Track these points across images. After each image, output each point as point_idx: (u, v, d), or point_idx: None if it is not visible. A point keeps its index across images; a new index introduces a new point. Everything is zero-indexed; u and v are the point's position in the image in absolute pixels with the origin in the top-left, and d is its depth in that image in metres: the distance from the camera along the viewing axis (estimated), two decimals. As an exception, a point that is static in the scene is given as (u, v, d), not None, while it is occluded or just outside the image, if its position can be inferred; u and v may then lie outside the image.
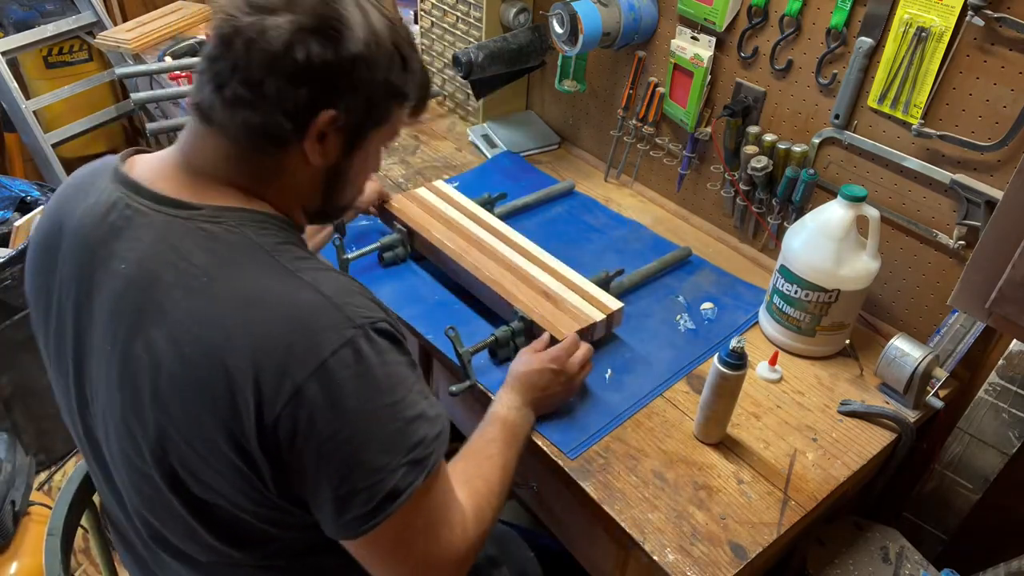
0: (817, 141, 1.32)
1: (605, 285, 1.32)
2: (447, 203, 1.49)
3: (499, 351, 1.22)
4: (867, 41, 1.18)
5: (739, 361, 1.02)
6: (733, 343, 1.01)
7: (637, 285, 1.40)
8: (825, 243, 1.18)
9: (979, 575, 1.11)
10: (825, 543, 1.20)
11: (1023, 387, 1.16)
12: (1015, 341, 1.14)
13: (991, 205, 1.11)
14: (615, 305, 1.25)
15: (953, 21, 1.07)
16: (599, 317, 1.22)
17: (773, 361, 1.24)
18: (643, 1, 1.48)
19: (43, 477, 2.10)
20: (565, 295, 1.26)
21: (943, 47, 1.09)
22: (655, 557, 0.97)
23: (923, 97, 1.14)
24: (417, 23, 1.98)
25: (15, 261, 1.79)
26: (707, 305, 1.38)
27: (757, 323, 1.35)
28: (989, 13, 1.03)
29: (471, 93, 1.79)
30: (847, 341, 1.28)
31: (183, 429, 0.75)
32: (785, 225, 1.41)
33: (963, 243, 1.17)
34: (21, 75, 2.69)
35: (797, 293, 1.22)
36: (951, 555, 1.33)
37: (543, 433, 1.12)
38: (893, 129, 1.21)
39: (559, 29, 1.50)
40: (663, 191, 1.67)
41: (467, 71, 1.64)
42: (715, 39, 1.40)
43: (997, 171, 1.11)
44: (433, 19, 1.91)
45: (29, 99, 2.53)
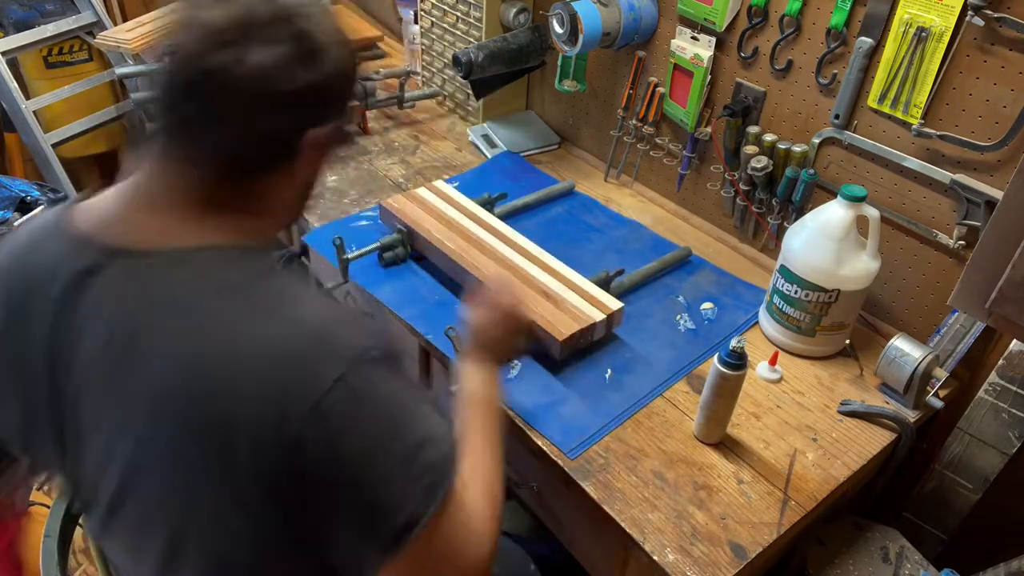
0: (817, 141, 1.32)
1: (605, 285, 1.32)
2: (447, 203, 1.49)
3: (499, 351, 1.22)
4: (867, 41, 1.18)
5: (739, 361, 1.02)
6: (733, 343, 1.01)
7: (637, 285, 1.40)
8: (825, 243, 1.18)
9: (979, 575, 1.11)
10: (825, 543, 1.20)
11: (1023, 387, 1.16)
12: (1015, 341, 1.14)
13: (991, 205, 1.11)
14: (615, 305, 1.25)
15: (953, 21, 1.07)
16: (599, 317, 1.22)
17: (773, 361, 1.24)
18: (643, 1, 1.48)
19: (43, 477, 2.09)
20: (565, 295, 1.26)
21: (943, 47, 1.09)
22: (655, 557, 0.97)
23: (923, 97, 1.14)
24: (417, 23, 1.98)
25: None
26: (707, 305, 1.38)
27: (757, 323, 1.35)
28: (989, 13, 1.03)
29: (471, 93, 1.79)
30: (847, 341, 1.28)
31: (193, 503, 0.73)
32: (785, 225, 1.41)
33: (963, 243, 1.17)
34: (21, 75, 2.68)
35: (797, 293, 1.22)
36: (951, 555, 1.33)
37: (543, 433, 1.12)
38: (893, 129, 1.21)
39: (559, 29, 1.50)
40: (663, 191, 1.67)
41: (467, 71, 1.64)
42: (715, 39, 1.40)
43: (997, 171, 1.11)
44: (433, 19, 1.91)
45: (29, 99, 2.52)
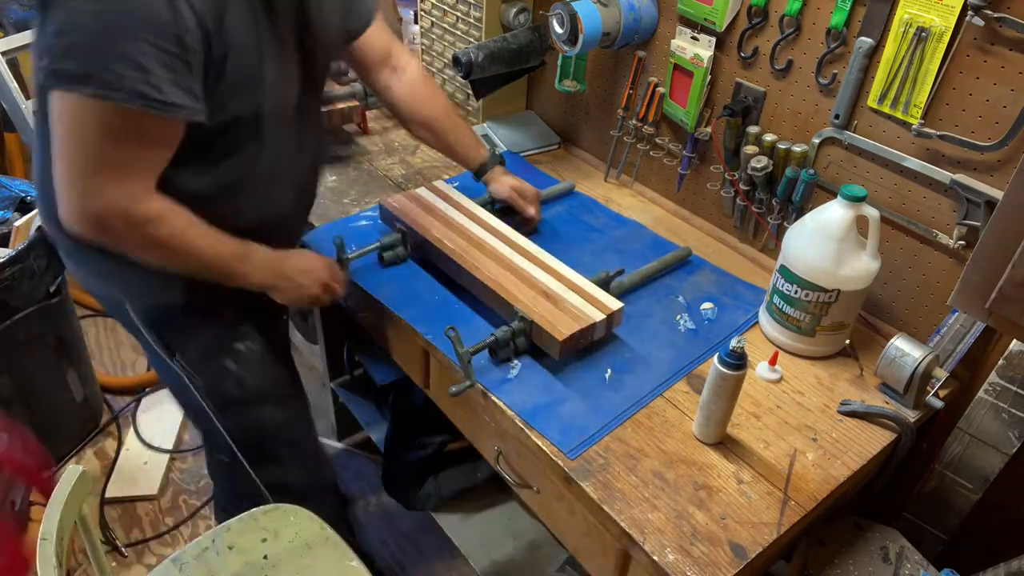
0: (817, 141, 1.32)
1: (605, 285, 1.32)
2: (447, 203, 1.49)
3: (499, 351, 1.22)
4: (867, 41, 1.18)
5: (739, 361, 1.02)
6: (733, 343, 1.01)
7: (637, 285, 1.40)
8: (825, 243, 1.18)
9: (979, 575, 1.11)
10: (825, 543, 1.20)
11: (1023, 387, 1.16)
12: (1015, 341, 1.14)
13: (991, 205, 1.11)
14: (615, 305, 1.25)
15: (953, 21, 1.07)
16: (599, 317, 1.22)
17: (773, 361, 1.24)
18: (643, 1, 1.48)
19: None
20: (565, 295, 1.26)
21: (943, 47, 1.09)
22: (655, 557, 0.97)
23: (923, 97, 1.14)
24: (417, 23, 1.98)
25: (15, 261, 1.78)
26: (707, 305, 1.38)
27: (757, 323, 1.35)
28: (989, 13, 1.03)
29: (471, 93, 1.79)
30: (847, 341, 1.28)
31: None
32: (785, 225, 1.41)
33: (963, 243, 1.17)
34: (21, 75, 2.68)
35: (797, 293, 1.22)
36: (951, 555, 1.33)
37: (543, 433, 1.12)
38: (893, 129, 1.21)
39: (559, 29, 1.50)
40: (663, 191, 1.68)
41: (467, 71, 1.64)
42: (715, 39, 1.40)
43: (997, 171, 1.11)
44: (433, 19, 1.91)
45: (29, 99, 2.52)
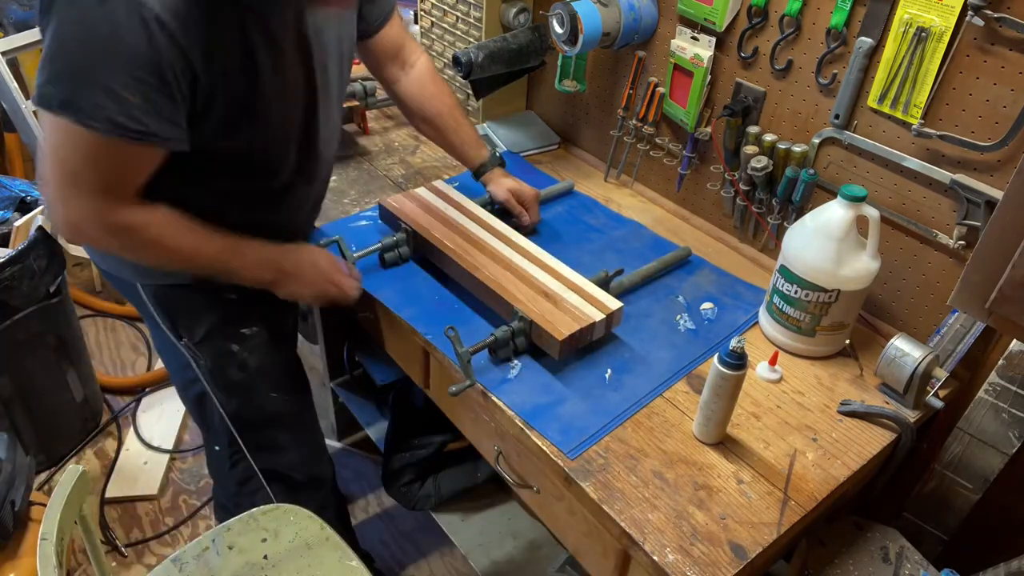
0: (817, 141, 1.32)
1: (605, 285, 1.32)
2: (447, 203, 1.49)
3: (499, 351, 1.22)
4: (867, 41, 1.18)
5: (739, 361, 1.02)
6: (733, 343, 1.01)
7: (637, 285, 1.40)
8: (825, 243, 1.18)
9: (979, 575, 1.11)
10: (825, 543, 1.20)
11: (1023, 387, 1.16)
12: (1015, 341, 1.14)
13: (991, 205, 1.11)
14: (614, 305, 1.25)
15: (953, 21, 1.07)
16: (598, 317, 1.22)
17: (773, 361, 1.24)
18: (643, 1, 1.48)
19: (43, 477, 2.10)
20: (565, 295, 1.26)
21: (943, 47, 1.09)
22: (655, 557, 0.97)
23: (923, 97, 1.14)
24: (417, 23, 1.98)
25: (15, 261, 1.78)
26: (707, 305, 1.38)
27: (757, 323, 1.35)
28: (989, 13, 1.03)
29: (471, 93, 1.79)
30: (847, 341, 1.28)
31: None
32: (785, 225, 1.41)
33: (963, 243, 1.17)
34: (21, 75, 2.68)
35: (797, 293, 1.22)
36: (951, 555, 1.33)
37: (543, 433, 1.12)
38: (893, 129, 1.21)
39: (559, 29, 1.50)
40: (663, 191, 1.67)
41: (467, 71, 1.64)
42: (715, 39, 1.40)
43: (997, 171, 1.11)
44: (433, 19, 1.91)
45: (29, 99, 2.52)
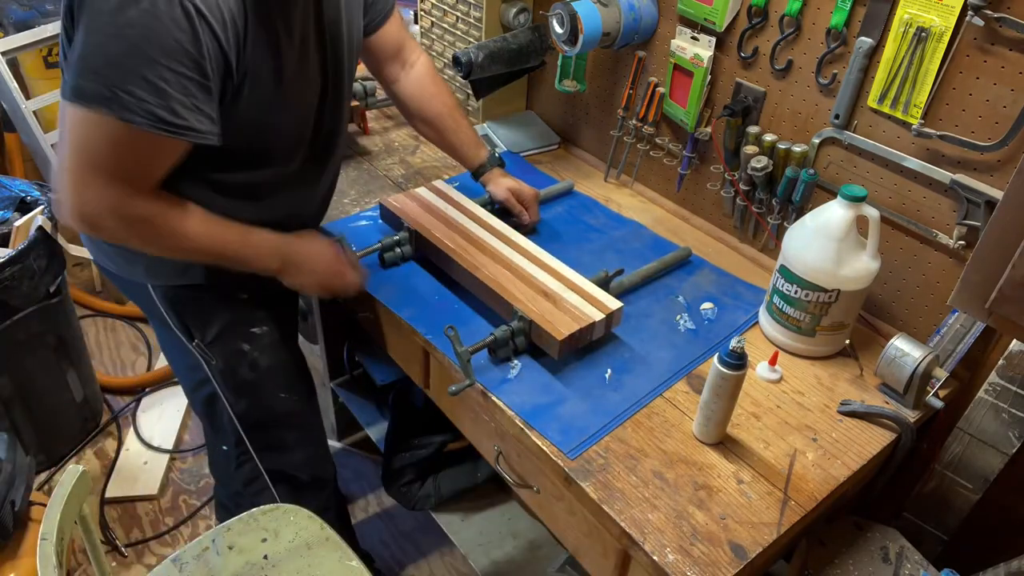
0: (817, 141, 1.32)
1: (605, 285, 1.32)
2: (447, 203, 1.49)
3: (498, 350, 1.22)
4: (867, 41, 1.18)
5: (739, 361, 1.02)
6: (733, 343, 1.01)
7: (637, 285, 1.40)
8: (825, 243, 1.18)
9: (979, 575, 1.11)
10: (825, 543, 1.20)
11: (1023, 387, 1.16)
12: (1015, 341, 1.14)
13: (991, 205, 1.11)
14: (614, 305, 1.25)
15: (953, 21, 1.07)
16: (598, 317, 1.22)
17: (773, 361, 1.24)
18: (643, 1, 1.48)
19: (43, 477, 2.10)
20: (565, 295, 1.26)
21: (943, 47, 1.09)
22: (655, 557, 0.97)
23: (923, 97, 1.14)
24: (417, 23, 1.98)
25: (15, 261, 1.78)
26: (707, 305, 1.38)
27: (757, 323, 1.35)
28: (989, 13, 1.03)
29: (471, 93, 1.79)
30: (847, 341, 1.28)
31: None
32: (785, 225, 1.41)
33: (963, 243, 1.17)
34: (21, 75, 2.68)
35: (797, 293, 1.22)
36: (951, 555, 1.33)
37: (543, 433, 1.12)
38: (893, 129, 1.21)
39: (559, 29, 1.50)
40: (663, 191, 1.67)
41: (467, 71, 1.64)
42: (715, 39, 1.40)
43: (997, 171, 1.11)
44: (433, 19, 1.91)
45: (29, 99, 2.52)
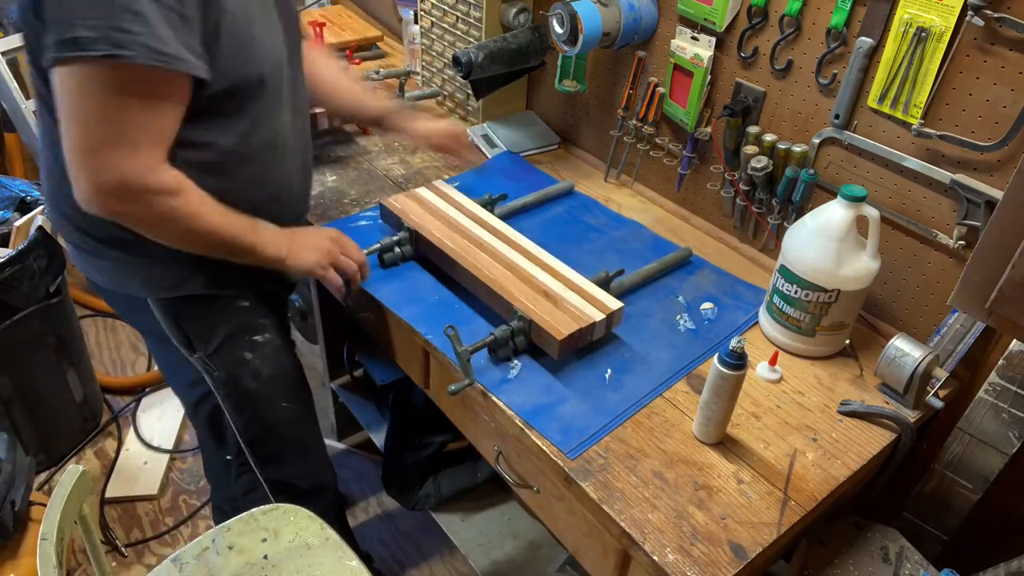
0: (817, 141, 1.32)
1: (605, 285, 1.32)
2: (447, 203, 1.49)
3: (498, 350, 1.22)
4: (867, 41, 1.18)
5: (739, 361, 1.02)
6: (733, 343, 1.01)
7: (637, 285, 1.40)
8: (825, 243, 1.18)
9: (979, 575, 1.11)
10: (825, 543, 1.20)
11: (1023, 387, 1.16)
12: (1015, 341, 1.14)
13: (991, 205, 1.11)
14: (615, 305, 1.25)
15: (953, 21, 1.07)
16: (599, 317, 1.22)
17: (773, 361, 1.24)
18: (643, 1, 1.48)
19: (43, 477, 2.10)
20: (565, 295, 1.26)
21: (943, 47, 1.09)
22: (655, 557, 0.97)
23: (923, 97, 1.14)
24: (417, 23, 1.98)
25: (15, 261, 1.78)
26: (707, 305, 1.38)
27: (757, 323, 1.35)
28: (989, 13, 1.03)
29: (471, 93, 1.79)
30: (847, 341, 1.28)
31: None
32: (785, 225, 1.41)
33: (963, 243, 1.17)
34: (21, 75, 2.68)
35: (797, 293, 1.22)
36: (951, 555, 1.33)
37: (543, 433, 1.12)
38: (893, 129, 1.21)
39: (559, 29, 1.50)
40: (663, 191, 1.67)
41: (467, 71, 1.64)
42: (715, 39, 1.40)
43: (997, 171, 1.11)
44: (433, 19, 1.91)
45: (29, 99, 2.52)
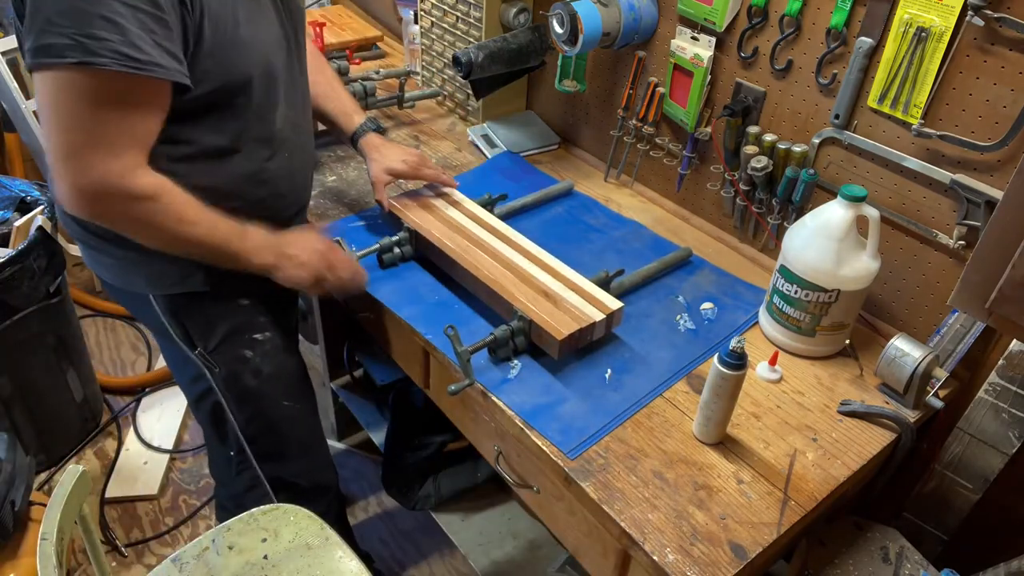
0: (817, 141, 1.32)
1: (605, 285, 1.32)
2: (447, 203, 1.49)
3: (498, 350, 1.22)
4: (867, 41, 1.18)
5: (739, 361, 1.02)
6: (733, 343, 1.01)
7: (637, 285, 1.40)
8: (825, 243, 1.18)
9: (979, 575, 1.11)
10: (825, 543, 1.20)
11: (1023, 387, 1.16)
12: (1015, 341, 1.14)
13: (991, 205, 1.11)
14: (615, 305, 1.25)
15: (953, 21, 1.07)
16: (599, 317, 1.22)
17: (773, 361, 1.24)
18: (643, 1, 1.48)
19: (43, 477, 2.10)
20: (565, 295, 1.26)
21: (943, 47, 1.09)
22: (655, 557, 0.97)
23: (923, 97, 1.14)
24: (417, 23, 1.98)
25: (15, 261, 1.78)
26: (707, 305, 1.38)
27: (757, 323, 1.35)
28: (989, 13, 1.03)
29: (471, 93, 1.79)
30: (847, 341, 1.28)
31: None
32: (785, 225, 1.41)
33: (963, 243, 1.17)
34: (21, 75, 2.68)
35: (797, 293, 1.22)
36: (951, 555, 1.33)
37: (543, 433, 1.12)
38: (893, 129, 1.21)
39: (559, 29, 1.50)
40: (663, 191, 1.67)
41: (467, 71, 1.64)
42: (715, 39, 1.40)
43: (997, 171, 1.11)
44: (433, 19, 1.91)
45: (29, 99, 2.52)
